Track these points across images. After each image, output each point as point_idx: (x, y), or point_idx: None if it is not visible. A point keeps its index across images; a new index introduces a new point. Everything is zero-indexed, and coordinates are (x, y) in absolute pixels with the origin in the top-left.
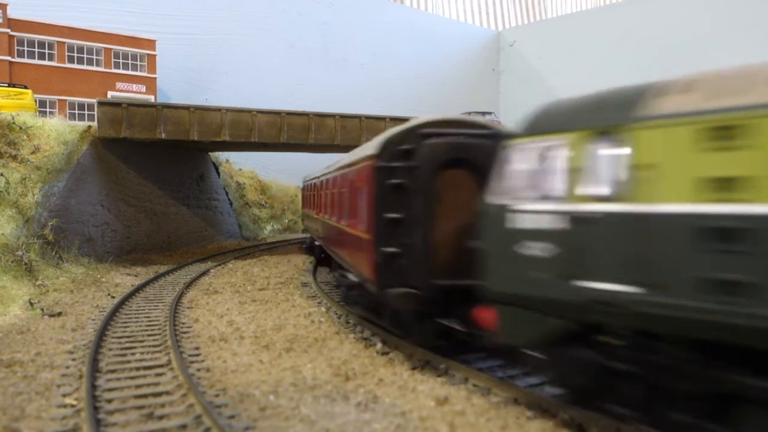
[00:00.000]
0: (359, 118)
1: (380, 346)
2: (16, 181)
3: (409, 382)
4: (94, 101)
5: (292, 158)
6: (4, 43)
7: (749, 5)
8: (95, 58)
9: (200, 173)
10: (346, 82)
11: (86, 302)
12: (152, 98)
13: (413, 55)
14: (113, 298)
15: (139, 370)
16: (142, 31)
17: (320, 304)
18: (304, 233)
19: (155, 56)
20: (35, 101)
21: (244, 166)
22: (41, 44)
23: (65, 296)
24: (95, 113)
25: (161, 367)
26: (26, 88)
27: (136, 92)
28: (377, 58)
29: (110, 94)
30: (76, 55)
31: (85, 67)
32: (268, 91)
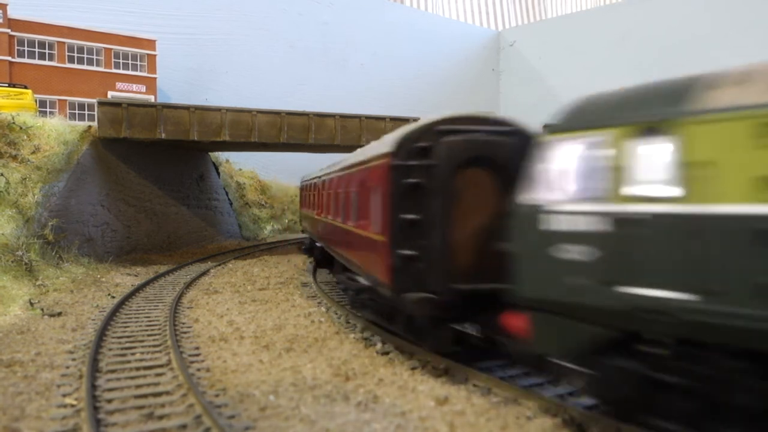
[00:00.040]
0: (359, 118)
1: (380, 346)
2: (16, 181)
3: (409, 382)
4: (94, 101)
5: (292, 158)
6: (4, 43)
7: (749, 5)
8: (95, 58)
9: (200, 173)
10: (346, 82)
11: (86, 302)
12: (152, 98)
13: (413, 55)
14: (113, 298)
15: (139, 370)
16: (142, 31)
17: (320, 304)
18: (303, 233)
19: (155, 56)
20: (35, 101)
21: (244, 166)
22: (41, 44)
23: (65, 296)
24: (95, 113)
25: (161, 367)
26: (26, 88)
27: (136, 92)
28: (377, 58)
29: (110, 94)
30: (76, 55)
31: (85, 67)
32: (268, 91)
